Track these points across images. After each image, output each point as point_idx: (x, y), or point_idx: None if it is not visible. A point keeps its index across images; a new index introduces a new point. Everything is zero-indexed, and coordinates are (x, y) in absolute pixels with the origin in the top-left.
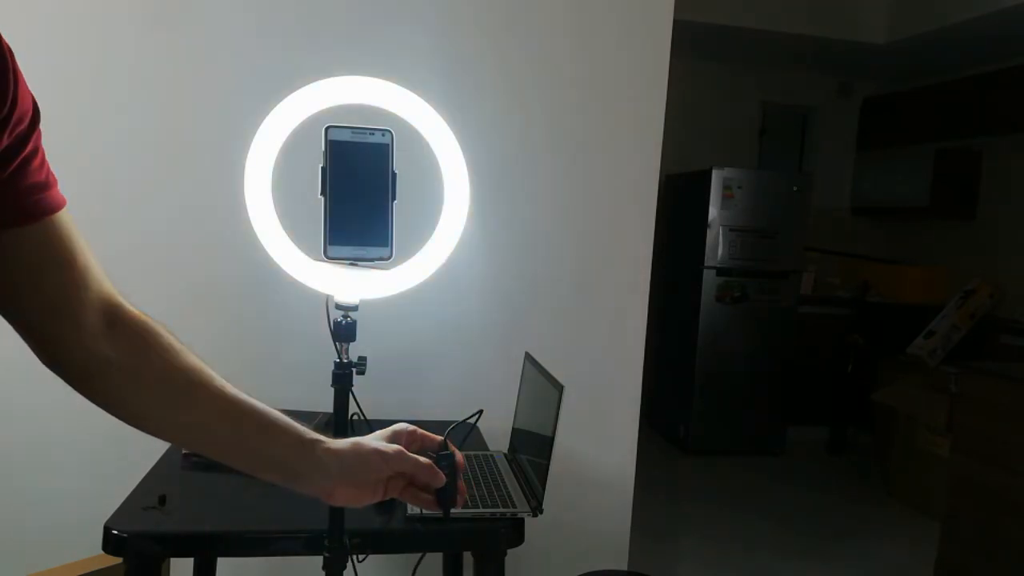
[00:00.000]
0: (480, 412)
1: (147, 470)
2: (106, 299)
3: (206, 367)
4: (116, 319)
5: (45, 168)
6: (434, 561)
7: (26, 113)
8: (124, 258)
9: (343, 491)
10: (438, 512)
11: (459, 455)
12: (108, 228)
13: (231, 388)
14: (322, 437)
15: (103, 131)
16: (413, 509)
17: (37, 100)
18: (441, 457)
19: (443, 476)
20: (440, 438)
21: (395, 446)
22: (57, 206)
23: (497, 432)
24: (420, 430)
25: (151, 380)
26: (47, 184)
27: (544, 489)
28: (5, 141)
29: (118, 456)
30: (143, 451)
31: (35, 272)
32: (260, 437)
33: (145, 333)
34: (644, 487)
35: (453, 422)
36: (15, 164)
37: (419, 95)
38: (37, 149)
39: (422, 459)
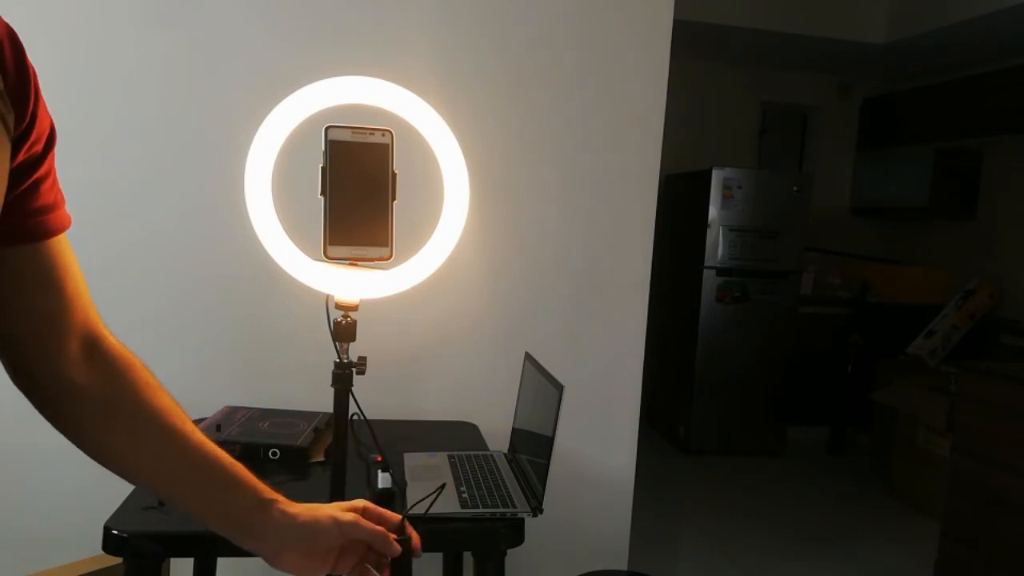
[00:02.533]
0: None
1: None
2: (89, 328)
3: (179, 409)
4: (96, 349)
5: (55, 189)
6: (434, 561)
7: (43, 133)
8: (125, 258)
9: (290, 557)
10: None
11: (416, 537)
12: (108, 228)
13: (200, 434)
14: (280, 497)
15: (102, 131)
16: (412, 510)
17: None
18: (399, 542)
19: (398, 547)
20: (398, 516)
21: (352, 514)
22: (60, 228)
23: (497, 432)
24: (378, 508)
25: (121, 413)
26: (54, 205)
27: (544, 489)
28: (21, 158)
29: None
30: None
31: (25, 292)
32: (220, 489)
33: (122, 366)
34: (644, 487)
35: (452, 422)
36: (27, 183)
37: (419, 95)
38: (50, 171)
39: (378, 528)
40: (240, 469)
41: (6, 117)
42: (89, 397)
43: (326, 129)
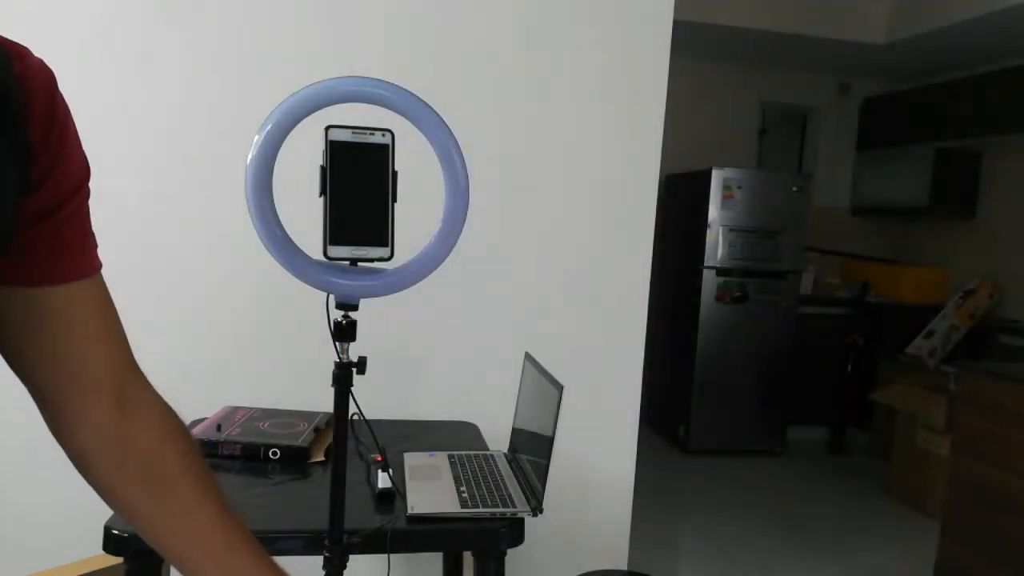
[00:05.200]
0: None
1: None
2: (126, 376)
3: (212, 476)
4: (136, 403)
5: (85, 230)
6: (434, 561)
7: (73, 177)
8: (125, 259)
9: None
10: None
11: None
12: (107, 228)
13: (230, 509)
14: None
15: (103, 131)
16: (413, 508)
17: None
18: None
19: None
20: None
21: None
22: (89, 271)
23: (497, 432)
24: None
25: (159, 476)
26: (84, 247)
27: (544, 489)
28: (44, 197)
29: None
30: None
31: (59, 337)
32: (248, 571)
33: (163, 425)
34: (644, 488)
35: (452, 422)
36: (53, 222)
37: (419, 95)
38: (79, 210)
39: None
40: (270, 560)
41: (23, 159)
42: (128, 454)
43: (326, 129)
